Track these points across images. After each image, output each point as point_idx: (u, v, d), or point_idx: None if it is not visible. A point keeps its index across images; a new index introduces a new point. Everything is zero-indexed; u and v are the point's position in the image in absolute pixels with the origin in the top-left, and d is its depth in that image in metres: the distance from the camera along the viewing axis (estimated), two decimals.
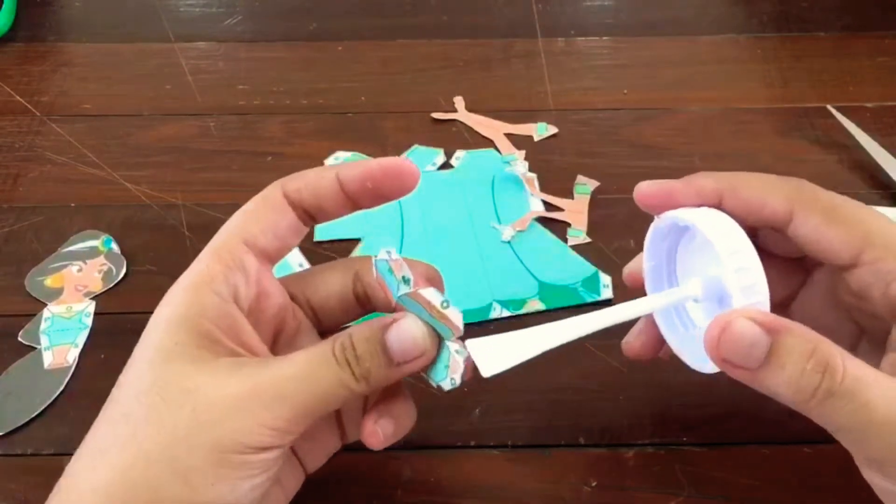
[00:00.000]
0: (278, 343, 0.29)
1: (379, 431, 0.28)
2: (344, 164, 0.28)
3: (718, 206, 0.27)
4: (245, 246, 0.27)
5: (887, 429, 0.23)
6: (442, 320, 0.26)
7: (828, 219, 0.26)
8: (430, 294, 0.26)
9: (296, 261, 0.40)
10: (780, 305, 0.28)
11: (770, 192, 0.26)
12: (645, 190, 0.28)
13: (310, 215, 0.28)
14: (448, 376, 0.26)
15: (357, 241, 0.41)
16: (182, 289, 0.26)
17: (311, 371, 0.25)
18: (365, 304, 0.30)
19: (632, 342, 0.31)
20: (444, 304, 0.26)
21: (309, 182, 0.28)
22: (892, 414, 0.23)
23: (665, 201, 0.27)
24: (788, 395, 0.24)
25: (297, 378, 0.25)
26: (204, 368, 0.24)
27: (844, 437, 0.24)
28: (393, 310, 0.27)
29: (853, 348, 0.27)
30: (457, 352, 0.26)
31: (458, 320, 0.26)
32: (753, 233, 0.27)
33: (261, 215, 0.28)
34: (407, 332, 0.26)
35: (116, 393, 0.25)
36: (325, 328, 0.31)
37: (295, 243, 0.29)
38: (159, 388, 0.24)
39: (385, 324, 0.26)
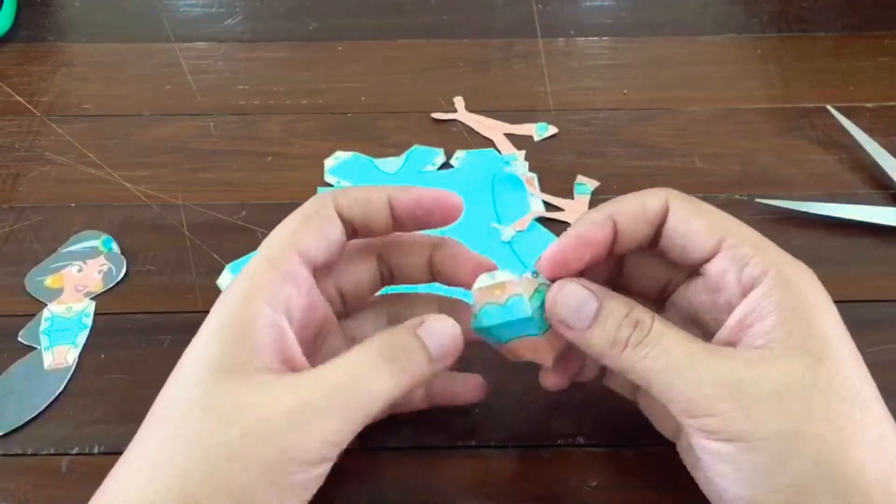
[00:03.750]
0: (313, 346, 0.29)
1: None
2: (394, 187, 0.29)
3: (614, 231, 0.29)
4: (299, 257, 0.27)
5: (685, 366, 0.25)
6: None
7: (695, 211, 0.28)
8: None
9: None
10: None
11: (647, 197, 0.29)
12: (557, 254, 0.29)
13: (354, 231, 0.29)
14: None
15: None
16: (235, 295, 0.26)
17: (357, 378, 0.25)
18: (389, 281, 0.32)
19: (548, 374, 0.32)
20: (492, 276, 0.28)
21: (360, 199, 0.29)
22: (689, 355, 0.25)
23: (579, 256, 0.29)
24: (606, 348, 0.27)
25: (344, 388, 0.25)
26: (253, 383, 0.25)
27: (659, 387, 0.26)
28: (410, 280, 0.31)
29: None
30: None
31: (510, 276, 0.28)
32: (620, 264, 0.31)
33: (314, 227, 0.28)
34: (440, 329, 0.27)
35: (164, 407, 0.25)
36: (348, 310, 0.32)
37: (339, 255, 0.29)
38: (211, 404, 0.24)
39: (415, 324, 0.27)
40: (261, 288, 0.26)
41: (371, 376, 0.25)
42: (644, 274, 0.31)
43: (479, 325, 0.29)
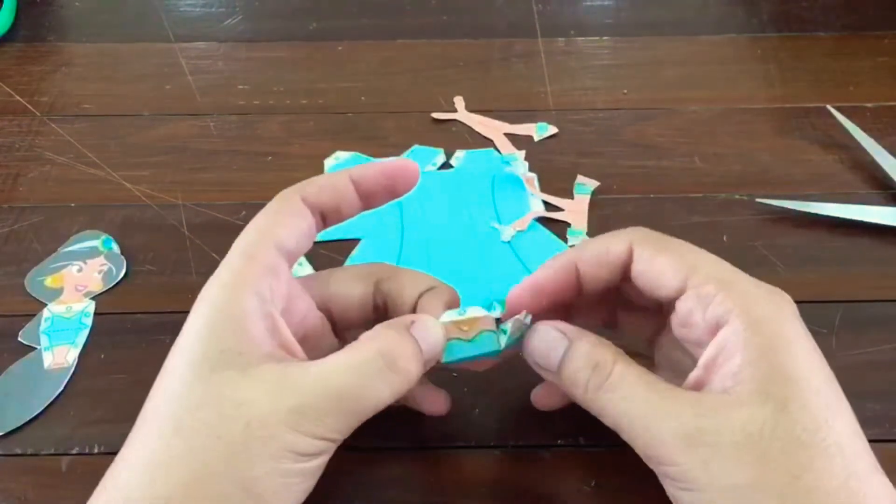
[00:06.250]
0: (304, 346, 0.29)
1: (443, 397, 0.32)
2: (354, 167, 0.30)
3: (577, 276, 0.30)
4: (276, 250, 0.27)
5: (647, 415, 0.25)
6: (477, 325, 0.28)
7: (659, 250, 0.28)
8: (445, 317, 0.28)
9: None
10: (647, 344, 0.32)
11: (610, 240, 0.29)
12: (515, 300, 0.30)
13: (323, 218, 0.30)
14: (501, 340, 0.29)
15: (357, 241, 0.41)
16: (220, 289, 0.26)
17: (359, 380, 0.26)
18: (382, 312, 0.31)
19: (539, 394, 0.33)
20: (462, 312, 0.28)
21: (325, 186, 0.29)
22: (654, 404, 0.25)
23: (538, 301, 0.30)
24: (570, 388, 0.27)
25: (347, 394, 0.25)
26: (252, 377, 0.25)
27: (624, 433, 0.26)
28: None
29: None
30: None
31: (482, 312, 0.29)
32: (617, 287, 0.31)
33: (285, 219, 0.28)
34: (433, 329, 0.28)
35: (161, 404, 0.25)
36: (338, 329, 0.32)
37: (309, 246, 0.30)
38: (211, 401, 0.24)
39: (406, 322, 0.27)
40: (245, 280, 0.26)
41: (373, 383, 0.26)
42: (639, 295, 0.31)
43: (444, 359, 0.29)
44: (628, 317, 0.32)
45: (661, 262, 0.28)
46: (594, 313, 0.32)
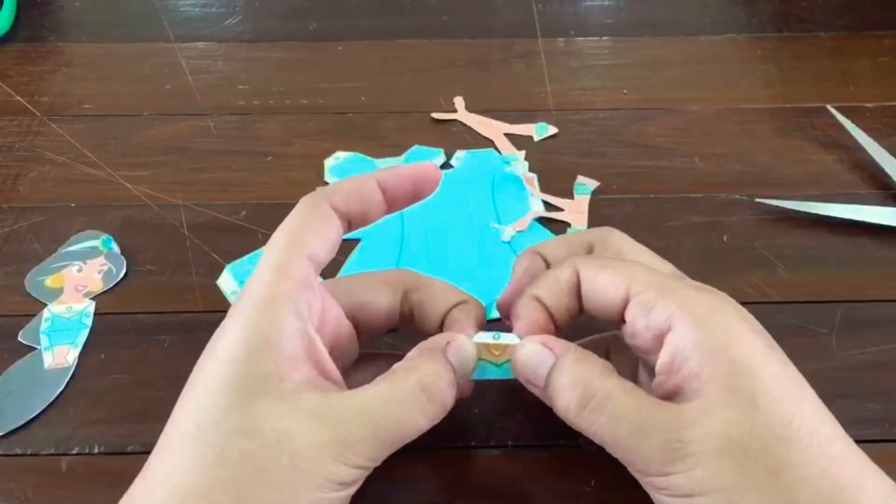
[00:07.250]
0: (333, 355, 0.28)
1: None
2: (378, 171, 0.30)
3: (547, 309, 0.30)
4: (309, 262, 0.27)
5: (634, 433, 0.25)
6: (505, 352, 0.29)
7: (601, 268, 0.29)
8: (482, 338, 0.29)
9: None
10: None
11: (559, 270, 0.30)
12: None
13: (349, 223, 0.29)
14: None
15: (357, 241, 0.41)
16: (255, 307, 0.26)
17: (399, 411, 0.26)
18: (408, 320, 0.31)
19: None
20: (497, 337, 0.29)
21: (352, 190, 0.29)
22: (639, 423, 0.25)
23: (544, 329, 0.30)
24: (560, 409, 0.27)
25: (387, 420, 0.26)
26: (294, 407, 0.25)
27: (610, 448, 0.26)
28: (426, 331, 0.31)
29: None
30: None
31: (515, 340, 0.29)
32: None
33: (316, 227, 0.28)
34: (466, 350, 0.28)
35: (195, 425, 0.24)
36: (359, 332, 0.31)
37: (335, 254, 0.29)
38: (254, 431, 0.24)
39: (443, 345, 0.28)
40: (281, 297, 0.26)
41: (412, 415, 0.26)
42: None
43: (472, 377, 0.29)
44: None
45: (602, 279, 0.28)
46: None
